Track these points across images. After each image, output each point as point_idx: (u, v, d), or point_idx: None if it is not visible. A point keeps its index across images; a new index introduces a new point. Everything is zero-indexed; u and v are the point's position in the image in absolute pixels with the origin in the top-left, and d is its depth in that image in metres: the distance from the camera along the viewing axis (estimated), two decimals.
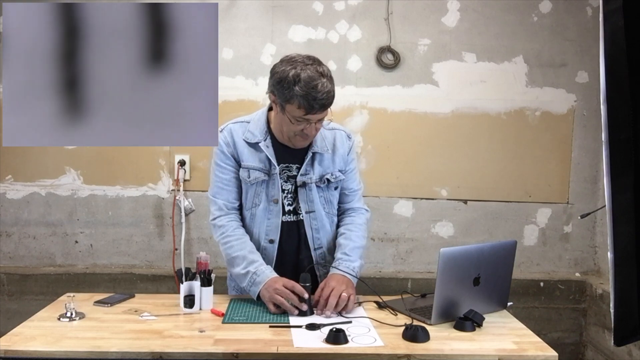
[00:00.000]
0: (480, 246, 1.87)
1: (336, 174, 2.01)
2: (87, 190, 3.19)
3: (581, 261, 3.30)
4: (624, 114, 1.04)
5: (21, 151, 3.13)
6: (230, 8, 3.11)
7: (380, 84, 3.16)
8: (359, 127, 3.16)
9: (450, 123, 3.18)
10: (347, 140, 2.05)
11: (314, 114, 1.79)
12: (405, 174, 3.21)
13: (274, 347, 1.56)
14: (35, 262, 3.24)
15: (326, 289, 1.83)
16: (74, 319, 1.75)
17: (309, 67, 1.77)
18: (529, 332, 1.74)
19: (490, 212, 3.24)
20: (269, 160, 1.93)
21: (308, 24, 3.12)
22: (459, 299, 1.77)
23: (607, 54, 1.03)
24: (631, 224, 1.07)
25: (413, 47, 3.15)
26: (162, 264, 3.23)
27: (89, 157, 3.17)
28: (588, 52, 3.16)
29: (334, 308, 1.80)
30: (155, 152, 3.17)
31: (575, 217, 3.23)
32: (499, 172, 3.22)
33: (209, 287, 1.87)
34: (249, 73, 3.14)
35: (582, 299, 3.23)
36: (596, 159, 3.22)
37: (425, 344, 1.60)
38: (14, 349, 1.54)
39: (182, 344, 1.57)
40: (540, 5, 3.14)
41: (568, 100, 3.19)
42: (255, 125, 1.96)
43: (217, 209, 1.99)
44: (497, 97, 3.18)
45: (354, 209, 2.09)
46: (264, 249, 1.97)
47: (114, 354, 1.53)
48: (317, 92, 1.74)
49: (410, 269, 3.27)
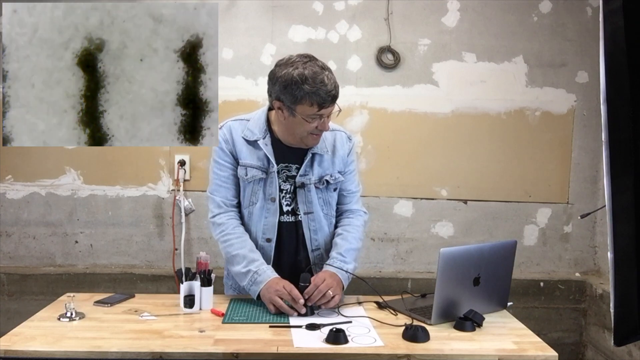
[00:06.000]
0: (480, 246, 1.87)
1: (335, 175, 2.00)
2: (87, 190, 3.19)
3: (581, 261, 3.30)
4: (624, 114, 1.04)
5: (21, 151, 3.13)
6: (230, 8, 3.11)
7: (380, 84, 3.16)
8: (359, 127, 3.16)
9: (450, 123, 3.18)
10: (347, 142, 2.05)
11: (327, 108, 1.81)
12: (405, 174, 3.21)
13: (274, 347, 1.56)
14: (35, 262, 3.24)
15: (318, 280, 1.83)
16: (74, 319, 1.75)
17: (309, 64, 1.78)
18: (529, 332, 1.74)
19: (490, 212, 3.24)
20: (267, 158, 1.93)
21: (308, 24, 3.12)
22: (459, 299, 1.77)
23: (607, 54, 1.03)
24: (631, 224, 1.07)
25: (413, 47, 3.15)
26: (162, 264, 3.23)
27: (89, 157, 3.17)
28: (588, 52, 3.16)
29: (316, 301, 1.80)
30: (155, 152, 3.17)
31: (575, 217, 3.23)
32: (499, 172, 3.22)
33: (209, 287, 1.87)
34: (249, 73, 3.14)
35: (582, 299, 3.23)
36: (596, 159, 3.22)
37: (425, 344, 1.60)
38: (14, 349, 1.54)
39: (182, 344, 1.57)
40: (540, 5, 3.14)
41: (568, 100, 3.19)
42: (254, 123, 1.96)
43: (216, 206, 1.98)
44: (497, 97, 3.18)
45: (352, 211, 2.08)
46: (261, 247, 1.97)
47: (114, 354, 1.53)
48: (325, 86, 1.76)
49: (410, 269, 3.27)
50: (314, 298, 1.80)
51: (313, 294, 1.80)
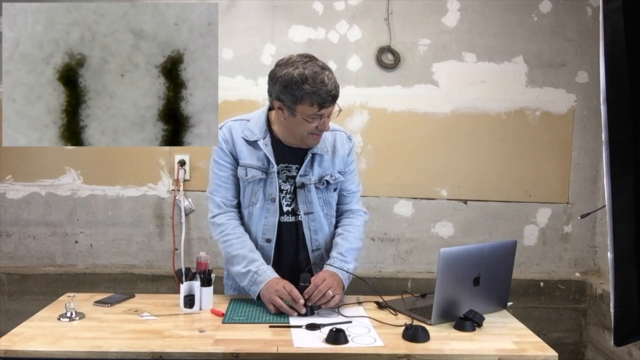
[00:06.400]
0: (480, 246, 1.87)
1: (335, 175, 2.00)
2: (87, 190, 3.19)
3: (581, 261, 3.30)
4: (624, 114, 1.04)
5: (21, 151, 3.13)
6: (230, 8, 3.11)
7: (380, 84, 3.16)
8: (359, 127, 3.16)
9: (450, 123, 3.18)
10: (347, 142, 2.05)
11: (327, 108, 1.81)
12: (405, 174, 3.21)
13: (274, 347, 1.56)
14: (35, 262, 3.24)
15: (318, 280, 1.83)
16: (74, 319, 1.75)
17: (309, 64, 1.78)
18: (529, 332, 1.74)
19: (490, 212, 3.24)
20: (267, 158, 1.93)
21: (308, 24, 3.12)
22: (459, 299, 1.77)
23: (607, 54, 1.03)
24: (631, 224, 1.07)
25: (413, 47, 3.15)
26: (162, 264, 3.23)
27: (89, 157, 3.17)
28: (588, 52, 3.16)
29: (316, 301, 1.80)
30: (155, 152, 3.17)
31: (575, 217, 3.23)
32: (499, 172, 3.22)
33: (209, 287, 1.87)
34: (249, 73, 3.14)
35: (582, 299, 3.23)
36: (596, 159, 3.22)
37: (425, 344, 1.60)
38: (14, 349, 1.54)
39: (182, 344, 1.57)
40: (540, 5, 3.14)
41: (568, 100, 3.19)
42: (255, 123, 1.96)
43: (216, 206, 1.98)
44: (497, 97, 3.18)
45: (353, 211, 2.08)
46: (261, 248, 1.97)
47: (114, 354, 1.53)
48: (325, 86, 1.76)
49: (410, 269, 3.27)
50: (314, 298, 1.80)
51: (313, 293, 1.80)
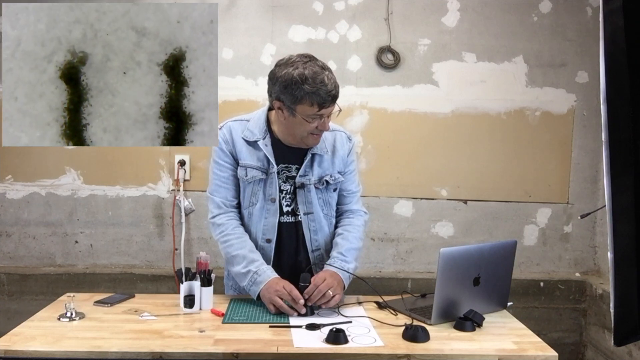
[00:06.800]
0: (480, 246, 1.87)
1: (335, 175, 2.00)
2: (87, 190, 3.19)
3: (581, 261, 3.30)
4: (624, 114, 1.04)
5: (21, 151, 3.13)
6: (230, 8, 3.11)
7: (380, 84, 3.16)
8: (359, 127, 3.16)
9: (450, 123, 3.18)
10: (347, 142, 2.05)
11: (327, 108, 1.81)
12: (405, 174, 3.21)
13: (274, 347, 1.56)
14: (35, 262, 3.24)
15: (318, 280, 1.83)
16: (74, 319, 1.75)
17: (309, 64, 1.78)
18: (529, 332, 1.74)
19: (490, 212, 3.24)
20: (267, 159, 1.93)
21: (308, 24, 3.12)
22: (459, 299, 1.77)
23: (607, 54, 1.03)
24: (631, 224, 1.07)
25: (413, 47, 3.15)
26: (162, 264, 3.23)
27: (89, 157, 3.17)
28: (588, 52, 3.16)
29: (316, 301, 1.80)
30: (155, 152, 3.17)
31: (575, 217, 3.23)
32: (499, 172, 3.22)
33: (209, 287, 1.87)
34: (249, 73, 3.14)
35: (582, 299, 3.23)
36: (596, 159, 3.22)
37: (425, 344, 1.60)
38: (14, 349, 1.54)
39: (182, 344, 1.57)
40: (540, 5, 3.14)
41: (568, 100, 3.19)
42: (254, 123, 1.96)
43: (216, 207, 1.98)
44: (497, 97, 3.18)
45: (353, 211, 2.08)
46: (261, 248, 1.97)
47: (114, 354, 1.53)
48: (325, 86, 1.76)
49: (410, 269, 3.27)
50: (314, 298, 1.80)
51: (313, 293, 1.80)
